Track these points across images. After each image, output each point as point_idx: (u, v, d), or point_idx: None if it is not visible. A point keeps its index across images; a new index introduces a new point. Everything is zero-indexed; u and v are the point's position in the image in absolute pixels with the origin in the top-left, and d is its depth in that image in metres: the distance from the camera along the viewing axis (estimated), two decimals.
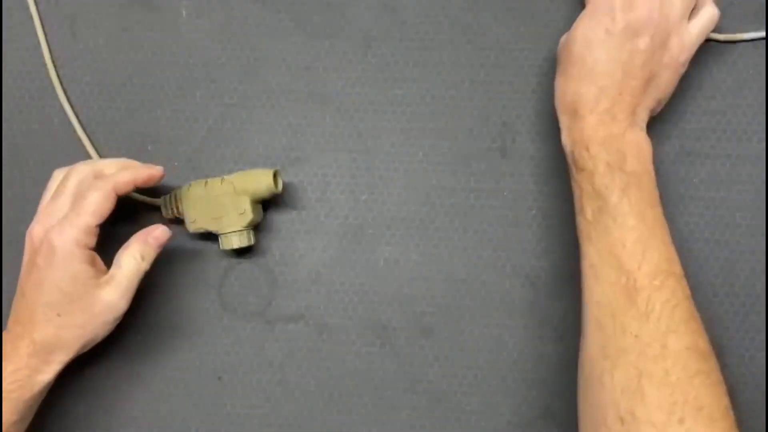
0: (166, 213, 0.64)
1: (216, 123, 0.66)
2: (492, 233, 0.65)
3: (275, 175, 0.62)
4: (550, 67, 0.65)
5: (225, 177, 0.62)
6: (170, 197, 0.63)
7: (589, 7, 0.57)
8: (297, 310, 0.65)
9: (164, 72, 0.67)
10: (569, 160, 0.58)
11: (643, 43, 0.55)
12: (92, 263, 0.57)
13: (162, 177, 0.60)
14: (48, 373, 0.56)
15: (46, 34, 0.67)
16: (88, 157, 0.66)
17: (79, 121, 0.67)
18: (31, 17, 0.67)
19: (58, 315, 0.55)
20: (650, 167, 0.56)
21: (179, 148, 0.66)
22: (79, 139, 0.67)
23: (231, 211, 0.61)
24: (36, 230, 0.57)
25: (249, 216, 0.61)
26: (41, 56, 0.67)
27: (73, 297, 0.55)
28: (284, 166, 0.66)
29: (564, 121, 0.58)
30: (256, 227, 0.64)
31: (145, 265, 0.58)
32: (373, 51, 0.66)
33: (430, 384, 0.64)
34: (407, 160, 0.65)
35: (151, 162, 0.66)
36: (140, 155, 0.66)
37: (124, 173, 0.58)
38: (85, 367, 0.65)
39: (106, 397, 0.65)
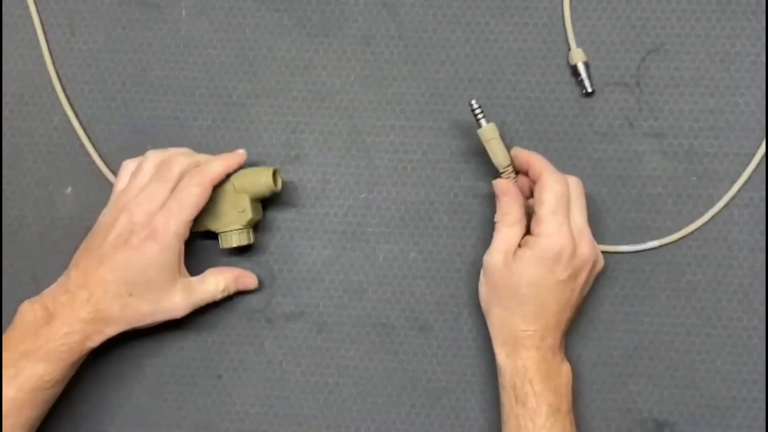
0: None
1: (215, 122, 0.67)
2: (490, 231, 0.65)
3: (275, 174, 0.62)
4: (549, 66, 0.65)
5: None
6: None
7: (536, 253, 0.56)
8: (297, 308, 0.65)
9: (164, 71, 0.67)
10: (505, 384, 0.58)
11: (582, 278, 0.58)
12: (180, 257, 0.59)
13: (245, 159, 0.62)
14: (96, 342, 0.58)
15: (45, 33, 0.68)
16: (87, 157, 0.67)
17: (79, 120, 0.67)
18: (30, 16, 0.67)
19: (130, 295, 0.57)
20: (571, 398, 0.59)
21: (179, 147, 0.66)
22: (78, 138, 0.67)
23: (230, 210, 0.62)
24: (137, 211, 0.58)
25: (248, 215, 0.61)
26: (41, 55, 0.67)
27: (152, 285, 0.58)
28: (283, 164, 0.66)
29: (502, 348, 0.59)
30: (255, 226, 0.64)
31: (220, 296, 0.62)
32: (372, 49, 0.66)
33: (429, 381, 0.65)
34: (406, 159, 0.66)
35: None
36: (139, 154, 0.66)
37: (216, 165, 0.60)
38: (87, 364, 0.65)
39: (108, 395, 0.65)
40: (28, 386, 0.55)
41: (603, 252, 0.63)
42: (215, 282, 0.62)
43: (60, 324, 0.56)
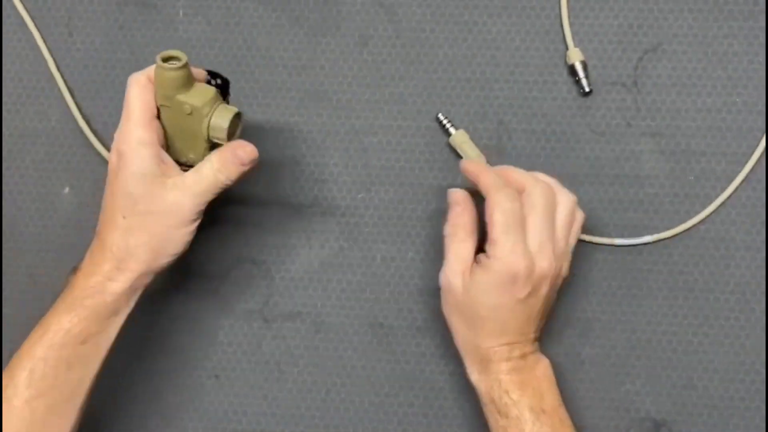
0: None
1: None
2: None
3: (169, 59, 0.54)
4: (546, 65, 0.65)
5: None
6: None
7: (492, 277, 0.55)
8: (294, 308, 0.65)
9: None
10: (484, 400, 0.57)
11: (544, 289, 0.56)
12: (159, 161, 0.54)
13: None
14: (120, 282, 0.54)
15: (41, 34, 0.67)
16: (85, 157, 0.67)
17: (77, 120, 0.67)
18: (25, 18, 0.67)
19: (123, 217, 0.54)
20: (557, 391, 0.58)
21: None
22: (76, 138, 0.67)
23: (186, 119, 0.55)
24: (111, 152, 0.56)
25: (195, 104, 0.54)
26: (39, 56, 0.67)
27: (138, 197, 0.54)
28: (281, 164, 0.66)
29: (473, 366, 0.58)
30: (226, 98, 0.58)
31: (222, 178, 0.55)
32: (369, 49, 0.66)
33: (426, 381, 0.65)
34: (404, 159, 0.66)
35: None
36: None
37: (152, 67, 0.55)
38: None
39: (105, 395, 0.65)
40: (57, 342, 0.53)
41: (598, 245, 0.64)
42: (209, 164, 0.55)
43: (80, 275, 0.55)
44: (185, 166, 0.57)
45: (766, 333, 0.63)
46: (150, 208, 0.54)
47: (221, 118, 0.54)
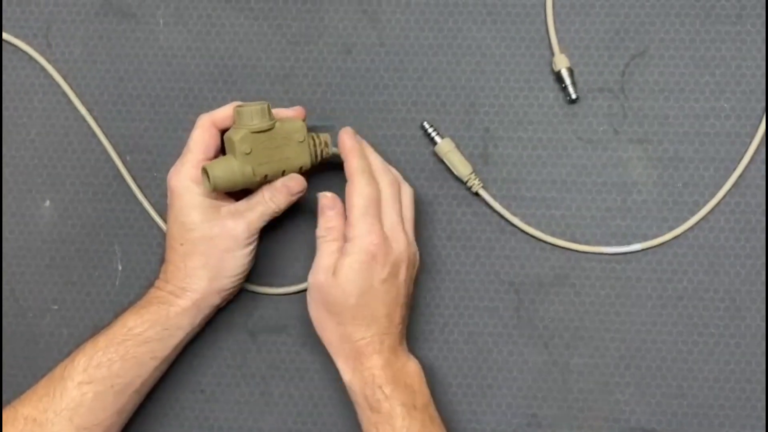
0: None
1: None
2: (475, 240, 0.64)
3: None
4: (533, 72, 0.65)
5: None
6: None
7: (353, 258, 0.57)
8: (280, 321, 0.65)
9: (141, 81, 0.66)
10: (358, 399, 0.57)
11: (402, 274, 0.58)
12: (210, 196, 0.59)
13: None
14: (183, 300, 0.58)
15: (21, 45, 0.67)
16: (65, 169, 0.66)
17: (93, 117, 0.66)
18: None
19: (181, 244, 0.58)
20: (428, 391, 0.59)
21: (158, 158, 0.66)
22: (56, 150, 0.66)
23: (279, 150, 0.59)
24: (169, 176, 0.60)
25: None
26: (18, 68, 0.66)
27: (192, 226, 0.58)
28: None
29: (345, 364, 0.58)
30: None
31: (273, 206, 0.59)
32: (353, 57, 0.66)
33: None
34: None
35: (130, 172, 0.66)
36: (118, 166, 0.66)
37: (221, 108, 0.60)
38: None
39: None
40: (119, 337, 0.57)
41: (586, 253, 0.64)
42: (258, 195, 0.60)
43: (152, 289, 0.60)
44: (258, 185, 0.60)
45: (765, 340, 0.63)
46: (205, 233, 0.58)
47: (330, 152, 0.61)
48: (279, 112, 0.60)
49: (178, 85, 0.66)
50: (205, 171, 0.57)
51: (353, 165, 0.59)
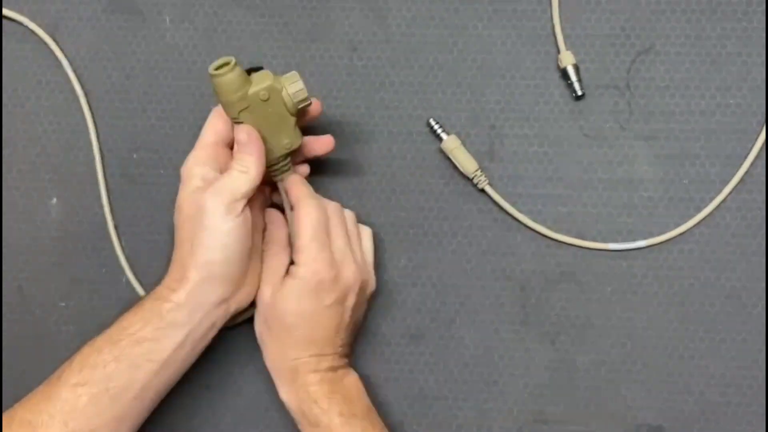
0: None
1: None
2: (481, 237, 0.64)
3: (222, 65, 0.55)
4: (538, 69, 0.65)
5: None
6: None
7: (298, 282, 0.56)
8: None
9: (148, 79, 0.66)
10: (296, 416, 0.58)
11: (350, 300, 0.58)
12: (208, 177, 0.56)
13: None
14: (179, 292, 0.55)
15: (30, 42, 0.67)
16: (73, 166, 0.66)
17: (100, 115, 0.66)
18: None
19: (180, 233, 0.57)
20: (367, 399, 0.59)
21: (165, 155, 0.66)
22: (63, 148, 0.66)
23: (275, 129, 0.57)
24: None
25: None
26: (25, 66, 0.67)
27: (188, 216, 0.56)
28: None
29: (282, 381, 0.58)
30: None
31: (241, 168, 0.55)
32: (359, 54, 0.66)
33: (422, 390, 0.64)
34: (395, 164, 0.65)
35: (137, 170, 0.66)
36: (126, 163, 0.66)
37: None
38: None
39: None
40: (115, 337, 0.55)
41: (592, 249, 0.63)
42: (233, 172, 0.56)
43: (155, 295, 0.56)
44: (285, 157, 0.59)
45: (766, 335, 0.63)
46: (189, 213, 0.56)
47: (293, 82, 0.56)
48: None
49: (184, 82, 0.66)
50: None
51: (300, 191, 0.59)
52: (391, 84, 0.65)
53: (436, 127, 0.64)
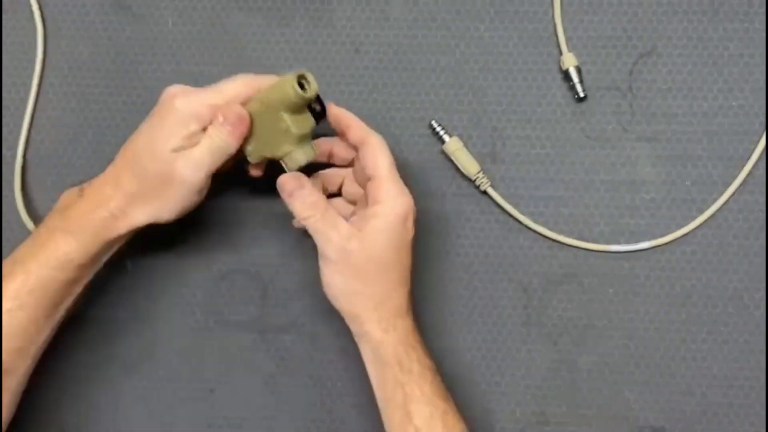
0: None
1: None
2: (483, 238, 0.64)
3: (302, 78, 0.54)
4: (540, 70, 0.65)
5: (255, 97, 0.57)
6: None
7: (388, 219, 0.55)
8: (289, 320, 0.65)
9: (150, 80, 0.66)
10: (390, 359, 0.56)
11: (414, 229, 0.58)
12: (191, 138, 0.55)
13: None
14: (124, 223, 0.55)
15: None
16: (70, 168, 0.66)
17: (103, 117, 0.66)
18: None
19: (135, 177, 0.55)
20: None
21: None
22: (62, 149, 0.66)
23: (275, 133, 0.56)
24: (171, 89, 0.57)
25: (293, 130, 0.55)
26: (31, 63, 0.67)
27: (153, 172, 0.55)
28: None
29: (379, 325, 0.56)
30: (314, 137, 0.58)
31: (218, 141, 0.55)
32: (361, 56, 0.66)
33: None
34: (398, 167, 0.65)
35: None
36: None
37: (265, 76, 0.57)
38: (77, 378, 0.64)
39: (99, 409, 0.65)
40: (54, 263, 0.54)
41: (594, 251, 0.64)
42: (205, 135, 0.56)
43: (86, 200, 0.56)
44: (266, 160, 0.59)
45: (765, 338, 0.63)
46: (161, 168, 0.55)
47: (303, 155, 0.56)
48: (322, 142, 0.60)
49: (186, 83, 0.65)
50: (303, 77, 0.54)
51: (361, 130, 0.57)
52: (393, 86, 0.65)
53: (438, 128, 0.64)
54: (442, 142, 0.64)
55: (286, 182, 0.56)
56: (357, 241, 0.55)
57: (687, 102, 0.64)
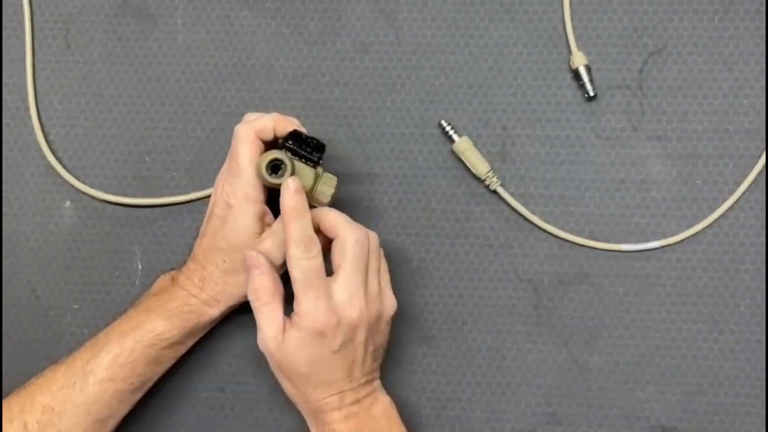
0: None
1: (214, 132, 0.66)
2: (493, 238, 0.64)
3: (276, 161, 0.56)
4: (550, 69, 0.65)
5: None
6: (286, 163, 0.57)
7: (301, 333, 0.55)
8: None
9: (160, 81, 0.66)
10: None
11: (360, 336, 0.56)
12: (261, 218, 0.58)
13: (298, 125, 0.59)
14: (215, 309, 0.59)
15: (33, 47, 0.67)
16: (92, 166, 0.66)
17: (113, 118, 0.66)
18: (23, 30, 0.67)
19: (224, 261, 0.59)
20: (398, 426, 0.59)
21: (177, 158, 0.66)
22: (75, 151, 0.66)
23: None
24: (219, 181, 0.60)
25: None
26: (37, 69, 0.67)
27: (237, 247, 0.58)
28: None
29: (308, 419, 0.58)
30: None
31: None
32: (370, 56, 0.66)
33: (434, 392, 0.64)
34: (406, 166, 0.65)
35: (149, 172, 0.66)
36: (138, 166, 0.66)
37: (262, 118, 0.58)
38: None
39: None
40: (147, 340, 0.57)
41: (605, 250, 0.63)
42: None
43: (179, 289, 0.59)
44: None
45: (766, 334, 0.63)
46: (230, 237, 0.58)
47: (323, 195, 0.58)
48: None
49: (196, 85, 0.66)
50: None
51: (288, 234, 0.55)
52: (402, 85, 0.65)
53: (447, 128, 0.64)
54: (452, 141, 0.64)
55: (249, 258, 0.57)
56: (275, 345, 0.56)
57: (698, 100, 0.64)
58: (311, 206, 0.57)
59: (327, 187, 0.58)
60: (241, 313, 0.64)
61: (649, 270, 0.63)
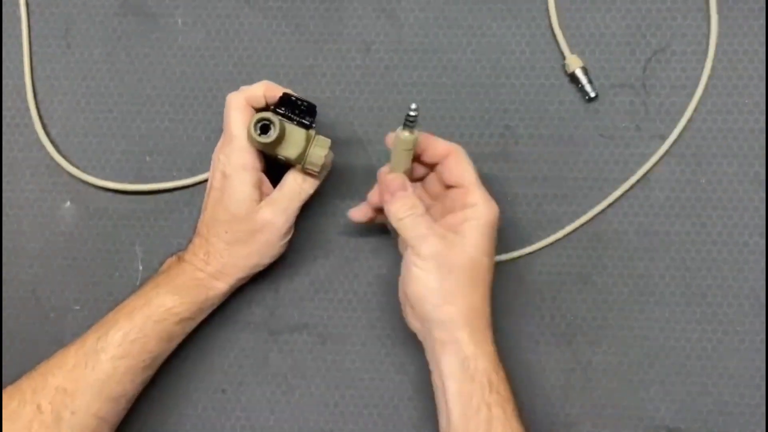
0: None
1: (215, 131, 0.66)
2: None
3: (264, 120, 0.56)
4: (553, 69, 0.64)
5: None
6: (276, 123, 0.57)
7: (480, 223, 0.54)
8: (300, 320, 0.64)
9: (161, 81, 0.66)
10: (479, 374, 0.53)
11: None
12: (259, 184, 0.59)
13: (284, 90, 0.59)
14: (222, 282, 0.60)
15: (30, 46, 0.67)
16: (93, 166, 0.66)
17: (113, 118, 0.66)
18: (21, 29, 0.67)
19: (226, 232, 0.59)
20: None
21: (178, 157, 0.66)
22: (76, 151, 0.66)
23: (282, 163, 0.59)
24: (215, 154, 0.60)
25: (290, 158, 0.58)
26: (37, 68, 0.67)
27: (239, 218, 0.59)
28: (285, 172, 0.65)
29: (472, 336, 0.54)
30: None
31: (307, 187, 0.60)
32: (372, 55, 0.65)
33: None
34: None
35: (150, 173, 0.66)
36: (138, 166, 0.66)
37: (252, 86, 0.59)
38: None
39: None
40: (157, 316, 0.58)
41: (607, 250, 0.63)
42: (291, 180, 0.60)
43: (186, 265, 0.60)
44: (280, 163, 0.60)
45: (766, 334, 0.62)
46: (249, 227, 0.59)
47: (317, 157, 0.58)
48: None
49: (197, 84, 0.66)
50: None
51: (443, 146, 0.57)
52: (404, 85, 0.65)
53: (413, 116, 0.54)
54: (406, 131, 0.56)
55: (390, 182, 0.57)
56: (455, 239, 0.54)
57: (701, 99, 0.63)
58: (304, 171, 0.59)
59: (320, 149, 0.58)
60: (241, 313, 0.64)
61: (652, 270, 0.63)
